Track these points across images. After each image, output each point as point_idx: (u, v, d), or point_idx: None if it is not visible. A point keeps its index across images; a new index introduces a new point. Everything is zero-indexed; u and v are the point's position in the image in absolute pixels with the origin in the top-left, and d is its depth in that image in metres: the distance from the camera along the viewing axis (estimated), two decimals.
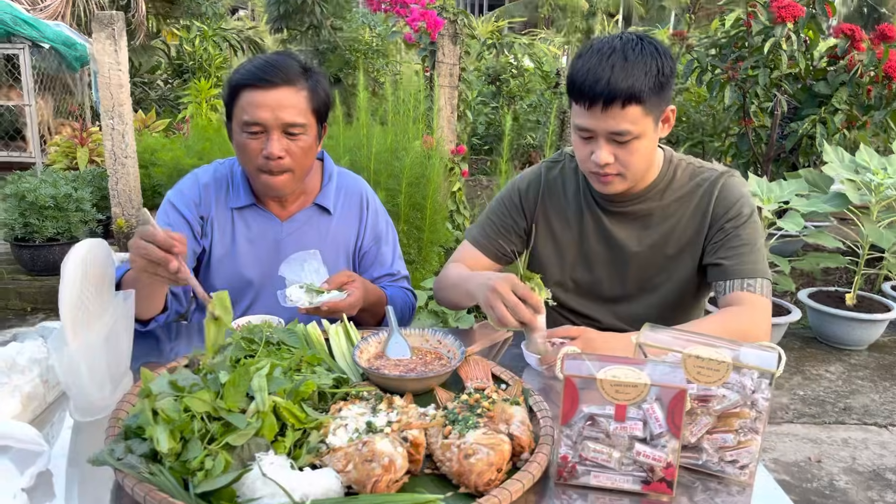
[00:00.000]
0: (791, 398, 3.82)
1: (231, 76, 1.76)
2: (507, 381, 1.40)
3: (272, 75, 1.70)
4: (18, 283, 4.85)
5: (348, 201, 1.99)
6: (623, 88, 1.52)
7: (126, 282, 1.57)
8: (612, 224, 1.80)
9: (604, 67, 1.53)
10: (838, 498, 2.91)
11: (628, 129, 1.56)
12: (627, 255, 1.79)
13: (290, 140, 1.73)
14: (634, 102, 1.54)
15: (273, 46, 11.33)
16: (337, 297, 1.63)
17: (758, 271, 1.68)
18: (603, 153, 1.60)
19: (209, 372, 1.18)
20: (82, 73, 8.36)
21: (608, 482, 1.12)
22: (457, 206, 4.71)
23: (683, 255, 1.77)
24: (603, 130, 1.58)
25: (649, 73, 1.54)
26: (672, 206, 1.76)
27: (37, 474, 1.08)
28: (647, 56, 1.55)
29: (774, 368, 1.13)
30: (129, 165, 4.92)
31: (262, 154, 1.72)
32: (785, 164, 5.53)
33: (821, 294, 4.71)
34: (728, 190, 1.73)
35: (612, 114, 1.55)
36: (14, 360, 1.29)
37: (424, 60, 4.98)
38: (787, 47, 4.98)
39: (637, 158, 1.62)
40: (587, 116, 1.58)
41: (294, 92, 1.72)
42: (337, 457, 1.06)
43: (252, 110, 1.69)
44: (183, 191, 1.89)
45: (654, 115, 1.59)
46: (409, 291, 2.04)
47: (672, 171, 1.77)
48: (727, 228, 1.71)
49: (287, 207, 1.91)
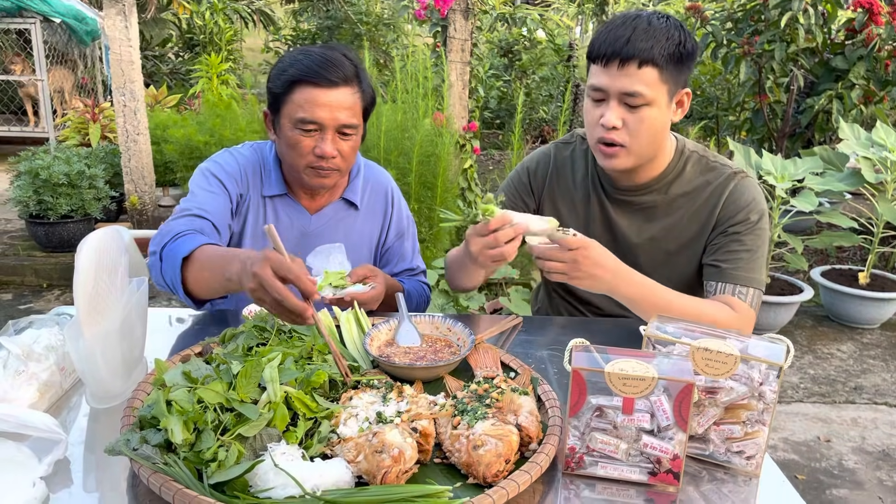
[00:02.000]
0: (801, 377, 3.82)
1: (284, 68, 1.70)
2: (516, 370, 1.41)
3: (333, 74, 1.67)
4: (34, 260, 4.90)
5: (374, 196, 1.98)
6: (642, 48, 1.52)
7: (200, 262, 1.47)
8: (615, 213, 1.79)
9: (626, 27, 1.55)
10: (847, 478, 2.92)
11: (641, 90, 1.55)
12: (629, 246, 1.78)
13: (343, 140, 1.72)
14: (651, 65, 1.54)
15: (284, 19, 11.27)
16: (360, 290, 1.64)
17: (752, 280, 1.66)
18: (612, 115, 1.58)
19: (221, 363, 1.19)
20: (93, 48, 8.35)
21: (615, 473, 1.13)
22: (468, 183, 4.69)
23: (684, 253, 1.76)
24: (616, 90, 1.57)
25: (671, 40, 1.54)
26: (678, 201, 1.75)
27: (55, 462, 1.10)
28: (672, 27, 1.57)
29: (782, 361, 1.13)
30: (140, 142, 4.93)
31: (314, 152, 1.70)
32: (800, 140, 5.46)
33: (834, 272, 4.69)
34: (738, 194, 1.70)
35: (627, 72, 1.55)
36: (31, 348, 1.31)
37: (435, 36, 4.93)
38: (804, 21, 4.89)
39: (645, 128, 1.60)
40: (602, 74, 1.58)
41: (351, 93, 1.70)
42: (347, 447, 1.08)
43: (311, 109, 1.66)
44: (222, 164, 1.83)
45: (668, 87, 1.58)
46: (426, 285, 2.05)
47: (682, 163, 1.75)
48: (730, 232, 1.69)
49: (317, 199, 1.89)
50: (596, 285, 1.53)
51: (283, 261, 1.21)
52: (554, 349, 1.60)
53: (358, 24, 8.72)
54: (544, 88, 9.44)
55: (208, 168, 1.82)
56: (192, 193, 1.77)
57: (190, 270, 1.50)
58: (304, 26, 10.54)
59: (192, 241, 1.53)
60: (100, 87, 8.60)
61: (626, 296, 1.57)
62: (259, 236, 1.85)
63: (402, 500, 0.98)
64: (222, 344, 1.39)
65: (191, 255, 1.50)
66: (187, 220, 1.66)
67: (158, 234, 1.63)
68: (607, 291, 1.56)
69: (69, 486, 1.09)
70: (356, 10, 8.82)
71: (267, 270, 1.19)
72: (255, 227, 1.86)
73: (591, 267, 1.51)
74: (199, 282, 1.50)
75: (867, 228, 4.57)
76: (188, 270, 1.51)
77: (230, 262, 1.34)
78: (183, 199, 1.77)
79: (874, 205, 4.39)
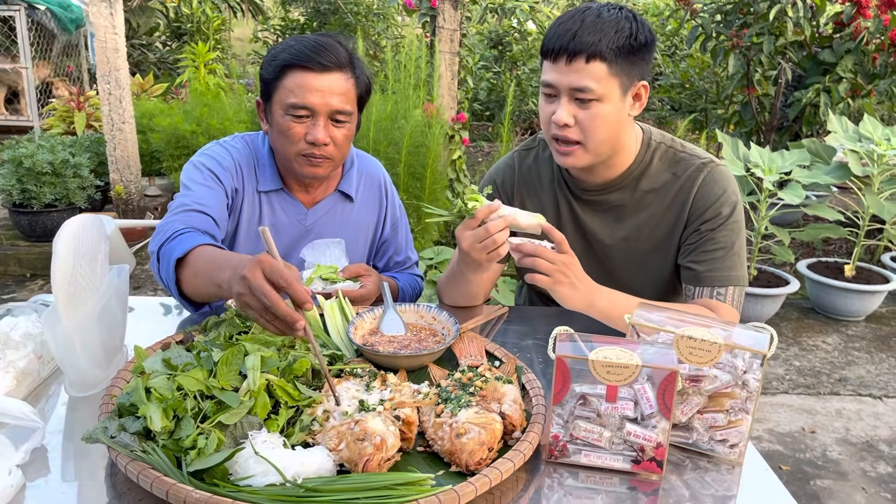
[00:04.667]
0: (787, 369, 3.84)
1: (276, 54, 1.66)
2: (501, 359, 1.40)
3: (325, 58, 1.63)
4: (17, 250, 4.85)
5: (369, 187, 1.94)
6: (589, 42, 1.49)
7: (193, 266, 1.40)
8: (585, 214, 1.75)
9: (575, 21, 1.52)
10: (831, 468, 2.94)
11: (590, 85, 1.51)
12: (602, 248, 1.74)
13: (336, 127, 1.67)
14: (599, 59, 1.49)
15: (273, 9, 11.18)
16: (351, 287, 1.62)
17: (730, 279, 1.63)
18: (563, 112, 1.54)
19: (202, 350, 1.18)
20: (78, 35, 8.25)
21: (598, 461, 1.13)
22: (457, 174, 4.68)
23: (658, 253, 1.73)
24: (565, 86, 1.53)
25: (620, 33, 1.50)
26: (647, 197, 1.70)
27: (32, 450, 1.09)
28: (622, 19, 1.52)
29: (766, 350, 1.13)
30: (126, 131, 4.88)
31: (305, 139, 1.65)
32: (788, 133, 5.49)
33: (820, 265, 4.71)
34: (708, 186, 1.65)
35: (575, 67, 1.51)
36: (8, 335, 1.29)
37: (425, 26, 4.91)
38: (792, 14, 4.91)
39: (598, 125, 1.55)
40: (552, 70, 1.55)
41: (344, 78, 1.66)
42: (329, 435, 1.07)
43: (301, 93, 1.62)
44: (215, 158, 1.75)
45: (620, 80, 1.53)
46: (419, 278, 2.03)
47: (650, 156, 1.70)
48: (703, 231, 1.65)
49: (312, 194, 1.84)
50: (574, 296, 1.50)
51: (275, 265, 1.11)
52: (539, 339, 1.60)
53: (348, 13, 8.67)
54: (534, 80, 9.42)
55: (201, 161, 1.74)
56: (187, 188, 1.70)
57: (185, 273, 1.43)
58: (293, 15, 10.46)
59: (188, 242, 1.44)
60: (85, 76, 8.50)
61: (602, 310, 1.54)
62: (253, 235, 1.79)
63: (383, 488, 0.97)
64: (204, 332, 1.37)
65: (186, 256, 1.41)
66: (186, 215, 1.59)
67: (156, 232, 1.55)
68: (584, 305, 1.52)
69: (46, 474, 1.08)
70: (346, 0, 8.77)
71: (257, 274, 1.10)
72: (250, 225, 1.79)
73: (576, 275, 1.49)
74: (192, 287, 1.43)
75: (853, 221, 4.60)
76: (183, 273, 1.43)
77: (222, 269, 1.25)
78: (177, 194, 1.70)
79: (860, 198, 4.41)
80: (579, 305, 1.52)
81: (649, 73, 1.60)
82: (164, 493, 0.94)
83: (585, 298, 1.51)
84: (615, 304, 1.54)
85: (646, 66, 1.58)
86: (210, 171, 1.72)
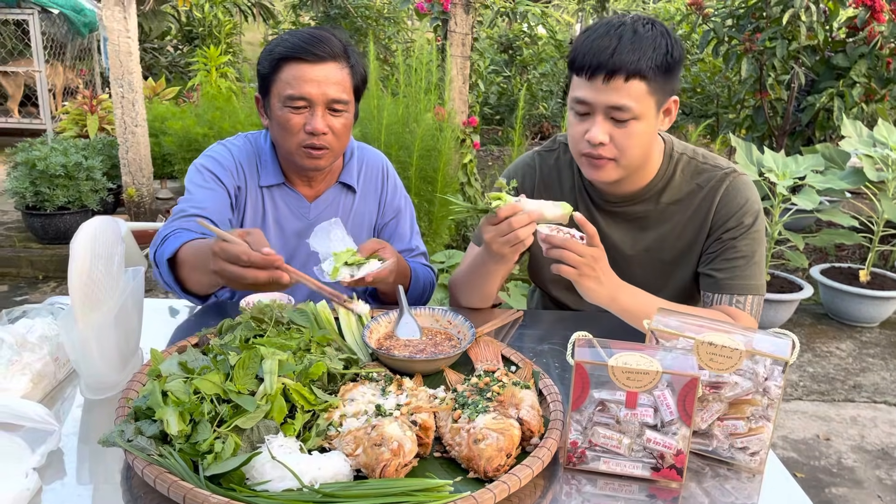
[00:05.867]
0: (801, 375, 3.81)
1: (271, 49, 1.70)
2: (518, 364, 1.39)
3: (319, 49, 1.66)
4: (30, 252, 4.87)
5: (369, 176, 1.96)
6: (629, 60, 1.45)
7: (184, 259, 1.49)
8: (606, 224, 1.73)
9: (611, 38, 1.47)
10: (846, 476, 2.91)
11: (629, 104, 1.48)
12: (623, 258, 1.72)
13: (333, 117, 1.70)
14: (639, 77, 1.46)
15: (284, 12, 11.22)
16: (377, 267, 1.60)
17: (749, 287, 1.62)
18: (598, 130, 1.51)
19: (218, 353, 1.17)
20: (91, 39, 8.30)
21: (618, 468, 1.11)
22: (468, 178, 4.67)
23: (680, 263, 1.71)
24: (602, 104, 1.49)
25: (658, 50, 1.47)
26: (669, 209, 1.69)
27: (48, 453, 1.08)
28: (658, 34, 1.49)
29: (788, 356, 1.12)
30: (139, 134, 4.90)
31: (304, 129, 1.68)
32: (801, 138, 5.45)
33: (833, 270, 4.68)
34: (730, 196, 1.64)
35: (614, 86, 1.47)
36: (24, 337, 1.29)
37: (436, 30, 4.91)
38: (805, 18, 4.87)
39: (634, 143, 1.52)
40: (587, 88, 1.50)
41: (339, 68, 1.69)
42: (346, 440, 1.06)
43: (298, 84, 1.65)
44: (216, 158, 1.80)
45: (657, 97, 1.51)
46: (429, 268, 2.01)
47: (672, 168, 1.68)
48: (724, 239, 1.64)
49: (314, 187, 1.87)
50: (598, 290, 1.49)
51: (228, 249, 1.22)
52: (555, 343, 1.58)
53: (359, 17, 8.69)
54: (545, 84, 9.42)
55: (202, 164, 1.80)
56: (189, 192, 1.76)
57: (182, 270, 1.51)
58: (303, 20, 10.49)
59: (174, 242, 1.52)
60: (97, 80, 8.55)
61: (625, 307, 1.53)
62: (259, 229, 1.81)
63: (401, 494, 0.97)
64: (219, 335, 1.37)
65: (176, 256, 1.50)
66: (181, 221, 1.64)
67: (153, 240, 1.62)
68: (607, 300, 1.51)
69: (62, 477, 1.07)
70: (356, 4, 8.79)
71: (220, 264, 1.22)
72: (255, 220, 1.83)
73: (603, 269, 1.49)
74: (193, 281, 1.51)
75: (867, 227, 4.56)
76: (180, 271, 1.52)
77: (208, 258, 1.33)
78: (181, 198, 1.76)
79: (875, 203, 4.37)
80: (602, 300, 1.51)
81: (679, 88, 1.58)
82: (181, 497, 0.94)
83: (609, 293, 1.50)
84: (637, 301, 1.54)
85: (677, 82, 1.56)
86: (211, 173, 1.77)
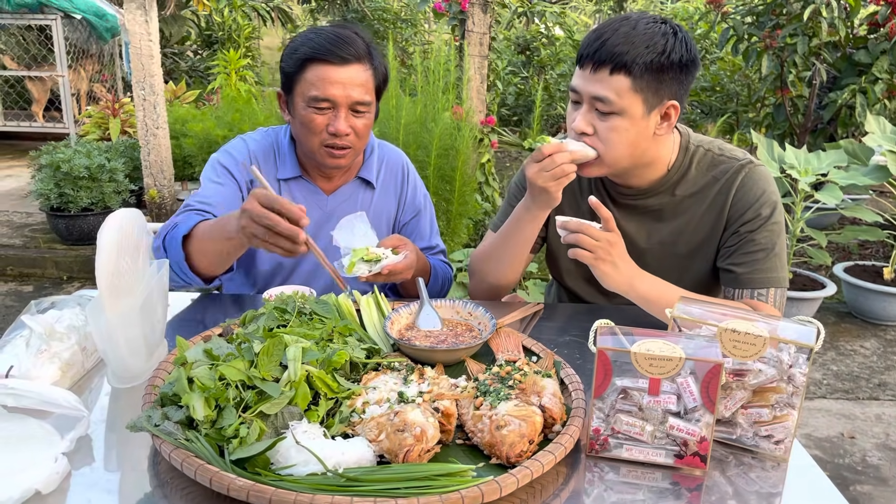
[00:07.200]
0: (824, 374, 3.77)
1: (296, 47, 1.71)
2: (539, 354, 1.39)
3: (344, 51, 1.67)
4: (54, 253, 4.94)
5: (389, 173, 1.98)
6: (616, 53, 1.45)
7: (200, 234, 1.56)
8: (622, 217, 1.72)
9: (609, 30, 1.49)
10: (871, 474, 2.87)
11: (609, 97, 1.47)
12: (638, 251, 1.70)
13: (356, 118, 1.72)
14: (624, 72, 1.46)
15: (302, 16, 11.30)
16: (394, 260, 1.60)
17: (771, 280, 1.60)
18: (581, 119, 1.53)
19: (243, 341, 1.19)
20: (113, 44, 8.41)
21: (640, 455, 1.11)
22: (486, 177, 4.68)
23: (696, 256, 1.70)
24: (588, 94, 1.51)
25: (651, 49, 1.45)
26: (685, 202, 1.67)
27: (77, 439, 1.10)
28: (660, 34, 1.47)
29: (813, 343, 1.11)
30: (160, 136, 4.95)
31: (327, 130, 1.71)
32: (822, 136, 5.39)
33: (857, 268, 4.62)
34: (747, 187, 1.61)
35: (599, 77, 1.48)
36: (53, 327, 1.31)
37: (454, 30, 4.91)
38: (826, 14, 4.83)
39: (616, 138, 1.51)
40: (578, 76, 1.54)
41: (363, 69, 1.71)
42: (369, 426, 1.07)
43: (323, 86, 1.67)
44: (232, 153, 1.84)
45: (643, 96, 1.48)
46: (447, 265, 2.03)
47: (688, 161, 1.66)
48: (742, 232, 1.61)
49: (332, 181, 1.90)
50: (615, 276, 1.50)
51: (268, 194, 1.32)
52: (575, 335, 1.58)
53: (376, 20, 8.73)
54: (562, 84, 9.40)
55: (217, 158, 1.84)
56: (202, 186, 1.81)
57: (192, 246, 1.58)
58: (321, 23, 10.56)
59: (189, 221, 1.60)
60: (119, 84, 8.66)
61: (642, 294, 1.53)
62: None
63: (424, 479, 0.97)
64: (243, 326, 1.38)
65: (190, 233, 1.57)
66: (187, 215, 1.68)
67: (160, 229, 1.66)
68: (625, 286, 1.52)
69: (91, 462, 1.09)
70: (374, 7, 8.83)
71: (254, 203, 1.32)
72: None
73: (619, 254, 1.50)
74: (202, 253, 1.56)
75: (891, 223, 4.50)
76: (190, 248, 1.58)
77: (227, 222, 1.45)
78: (193, 192, 1.80)
79: None
80: (619, 286, 1.52)
81: (684, 95, 1.55)
82: (207, 480, 0.95)
83: (626, 279, 1.51)
84: (656, 289, 1.54)
85: (679, 87, 1.52)
86: (223, 167, 1.82)
